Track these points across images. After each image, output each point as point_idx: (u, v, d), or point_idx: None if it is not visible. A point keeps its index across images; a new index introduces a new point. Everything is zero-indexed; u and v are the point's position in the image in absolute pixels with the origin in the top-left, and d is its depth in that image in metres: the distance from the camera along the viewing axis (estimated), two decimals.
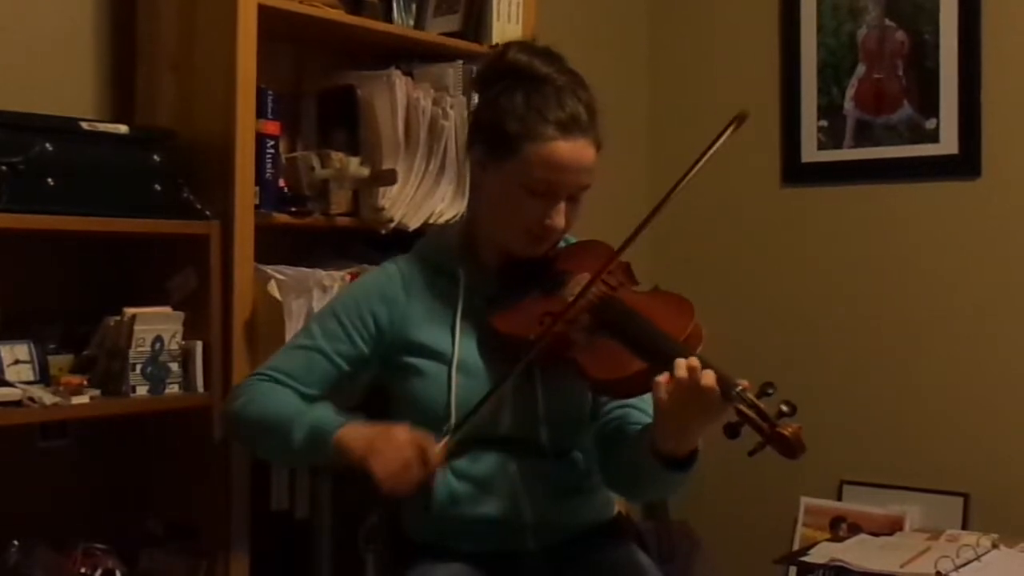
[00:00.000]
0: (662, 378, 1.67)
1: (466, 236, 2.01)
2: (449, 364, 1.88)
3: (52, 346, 2.09)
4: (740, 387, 1.64)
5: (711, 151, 1.82)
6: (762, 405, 1.63)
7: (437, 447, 1.76)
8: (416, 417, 1.88)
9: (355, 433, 1.80)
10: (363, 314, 1.94)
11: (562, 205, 1.87)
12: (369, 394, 2.09)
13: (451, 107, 2.49)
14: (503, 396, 1.85)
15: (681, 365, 1.66)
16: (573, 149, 1.84)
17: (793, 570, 2.90)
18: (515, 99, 1.85)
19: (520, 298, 1.92)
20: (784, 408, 1.62)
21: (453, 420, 1.84)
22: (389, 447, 1.74)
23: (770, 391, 1.64)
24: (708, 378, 1.64)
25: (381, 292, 1.96)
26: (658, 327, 1.78)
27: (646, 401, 1.94)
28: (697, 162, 1.82)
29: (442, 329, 1.92)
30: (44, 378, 2.03)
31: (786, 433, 1.60)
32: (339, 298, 2.04)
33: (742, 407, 1.63)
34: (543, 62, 1.89)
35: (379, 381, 2.01)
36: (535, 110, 1.83)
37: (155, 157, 2.13)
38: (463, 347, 1.90)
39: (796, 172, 3.35)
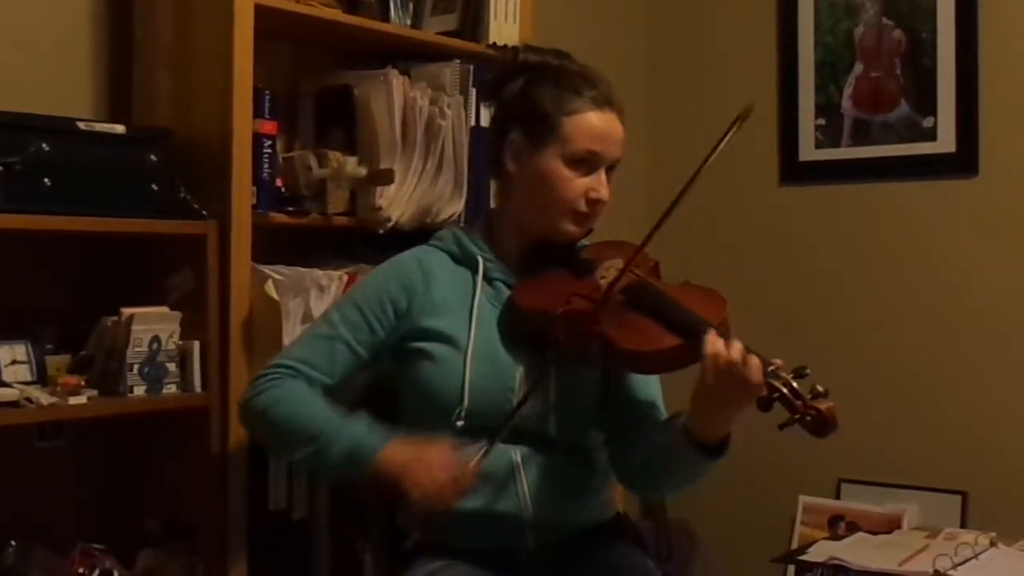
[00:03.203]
0: (709, 348, 1.70)
1: (486, 229, 2.03)
2: (464, 351, 1.89)
3: (49, 346, 2.09)
4: (775, 366, 1.70)
5: (717, 151, 1.82)
6: (796, 384, 1.68)
7: (470, 466, 1.79)
8: (426, 403, 1.90)
9: (393, 455, 1.81)
10: (383, 302, 1.94)
11: (603, 176, 1.93)
12: (370, 394, 2.09)
13: (448, 106, 2.48)
14: (515, 382, 1.88)
15: (736, 347, 1.69)
16: (608, 120, 1.93)
17: (791, 569, 2.90)
18: (545, 85, 1.94)
19: (544, 277, 1.95)
20: (819, 388, 1.68)
21: (466, 404, 1.86)
22: (424, 471, 1.77)
23: (805, 372, 1.70)
24: (754, 368, 1.68)
25: (400, 279, 1.97)
26: (692, 309, 1.80)
27: (660, 402, 1.98)
28: (704, 162, 1.83)
29: (459, 316, 1.92)
30: (41, 378, 2.03)
31: (821, 408, 1.65)
32: (358, 288, 2.03)
33: (776, 383, 1.68)
34: (554, 56, 1.99)
35: (385, 373, 2.01)
36: (569, 89, 1.93)
37: (152, 157, 2.13)
38: (479, 334, 1.90)
39: (794, 171, 3.35)
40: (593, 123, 1.91)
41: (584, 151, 1.90)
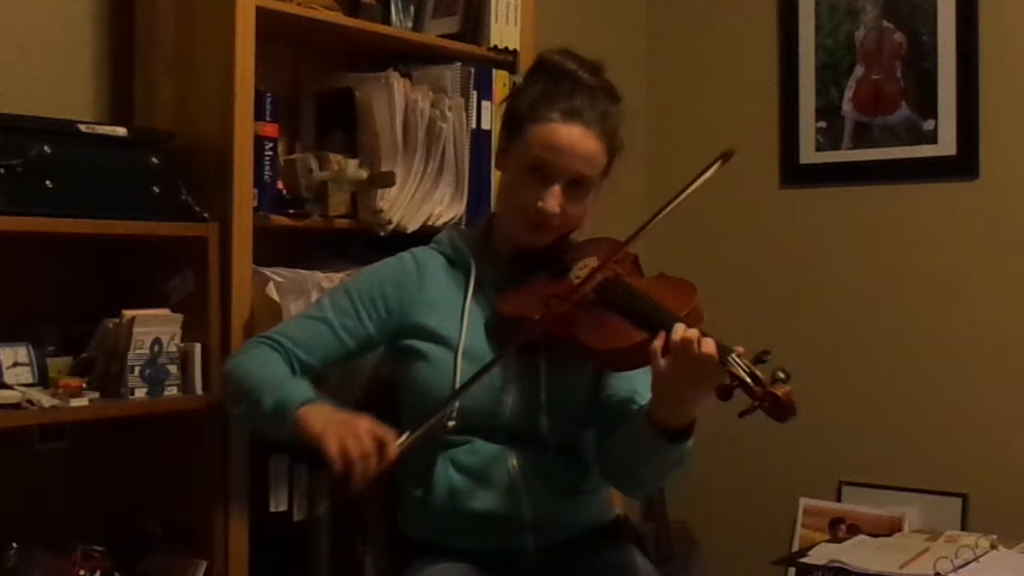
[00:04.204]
0: (658, 342, 1.70)
1: (483, 232, 2.06)
2: (455, 350, 1.90)
3: (51, 348, 2.09)
4: (735, 353, 1.67)
5: (694, 186, 1.86)
6: (756, 370, 1.64)
7: (397, 442, 1.74)
8: (420, 401, 1.90)
9: (318, 412, 1.78)
10: (374, 295, 1.97)
11: (556, 189, 1.90)
12: (372, 390, 2.10)
13: (449, 109, 2.49)
14: (506, 381, 1.88)
15: (679, 330, 1.68)
16: (571, 134, 1.89)
17: (792, 571, 2.90)
18: (534, 89, 1.95)
19: (527, 283, 1.95)
20: (780, 374, 1.64)
21: (457, 404, 1.84)
22: (348, 432, 1.72)
23: (766, 358, 1.66)
24: (707, 346, 1.66)
25: (394, 276, 2.00)
26: (659, 302, 1.80)
27: (646, 391, 1.96)
28: (679, 195, 1.86)
29: (451, 316, 1.94)
30: (43, 380, 2.03)
31: (778, 393, 1.61)
32: (354, 278, 2.07)
33: (736, 370, 1.65)
34: (574, 62, 1.97)
35: (385, 371, 2.01)
36: (546, 96, 1.92)
37: (153, 159, 2.13)
38: (470, 334, 1.92)
39: (794, 173, 3.35)
40: (553, 134, 1.89)
41: (537, 159, 1.89)
